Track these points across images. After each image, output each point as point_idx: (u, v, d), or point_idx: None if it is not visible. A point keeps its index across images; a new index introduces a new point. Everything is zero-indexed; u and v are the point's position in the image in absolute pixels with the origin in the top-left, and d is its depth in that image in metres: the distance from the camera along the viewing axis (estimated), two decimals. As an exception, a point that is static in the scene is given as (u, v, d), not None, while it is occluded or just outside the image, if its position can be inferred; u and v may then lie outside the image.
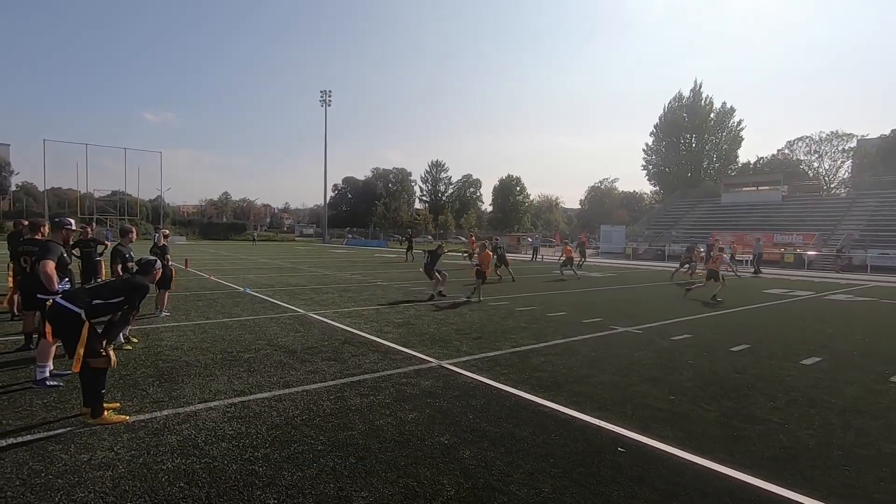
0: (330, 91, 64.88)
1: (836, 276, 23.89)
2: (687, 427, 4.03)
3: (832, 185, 58.76)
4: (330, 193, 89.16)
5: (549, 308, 10.31)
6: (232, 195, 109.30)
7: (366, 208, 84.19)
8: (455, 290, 12.81)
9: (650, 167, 61.36)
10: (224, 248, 38.81)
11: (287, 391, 4.65)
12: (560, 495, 2.91)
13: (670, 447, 3.62)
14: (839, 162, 61.90)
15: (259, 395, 4.50)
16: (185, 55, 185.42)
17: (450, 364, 5.74)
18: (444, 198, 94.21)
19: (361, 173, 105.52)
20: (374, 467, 3.20)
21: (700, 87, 58.30)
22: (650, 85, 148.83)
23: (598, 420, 4.12)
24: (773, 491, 3.03)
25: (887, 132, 56.14)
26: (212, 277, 15.31)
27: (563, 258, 18.90)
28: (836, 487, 3.10)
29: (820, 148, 62.61)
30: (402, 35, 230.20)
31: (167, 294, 8.56)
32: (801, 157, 62.98)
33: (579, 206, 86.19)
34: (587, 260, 27.19)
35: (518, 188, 79.57)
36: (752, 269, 23.82)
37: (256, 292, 11.92)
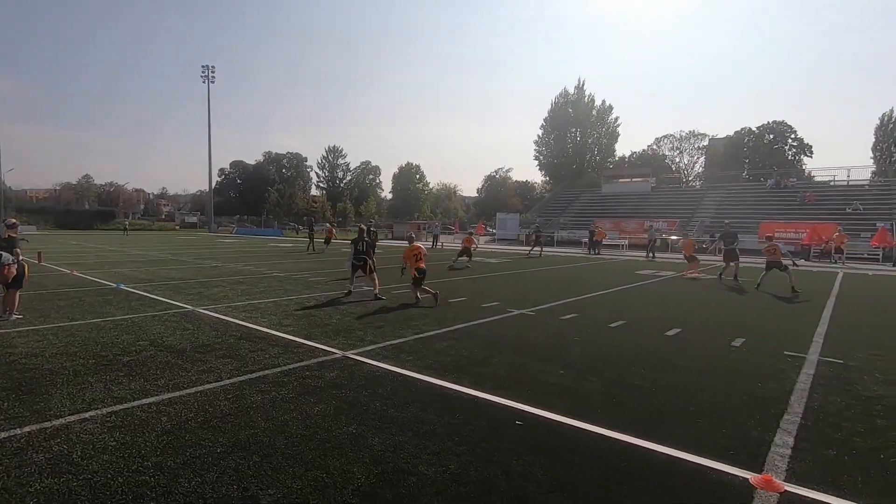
0: (213, 67, 59.56)
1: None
2: (575, 398, 4.47)
3: (690, 178, 67.28)
4: (216, 178, 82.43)
5: (450, 294, 10.65)
6: (94, 178, 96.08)
7: (258, 195, 79.15)
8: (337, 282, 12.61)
9: (541, 158, 65.28)
10: (89, 240, 34.24)
11: (178, 394, 4.32)
12: (465, 470, 3.10)
13: (561, 417, 4.00)
14: (695, 158, 71.10)
15: (145, 401, 4.13)
16: (21, 9, 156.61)
17: (354, 354, 5.73)
18: (342, 185, 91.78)
19: (252, 157, 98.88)
20: (281, 463, 3.13)
21: (583, 84, 63.09)
22: (543, 81, 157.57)
23: (498, 398, 4.40)
24: (646, 446, 3.51)
25: (731, 133, 65.48)
26: (74, 273, 13.47)
27: (461, 249, 18.70)
28: (691, 440, 3.66)
29: (681, 145, 71.35)
30: (292, 13, 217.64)
31: (17, 294, 7.40)
32: (666, 153, 71.28)
33: (477, 195, 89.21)
34: (479, 247, 28.25)
35: (418, 176, 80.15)
36: (648, 254, 25.48)
37: (132, 288, 10.75)
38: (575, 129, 63.06)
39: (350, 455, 3.26)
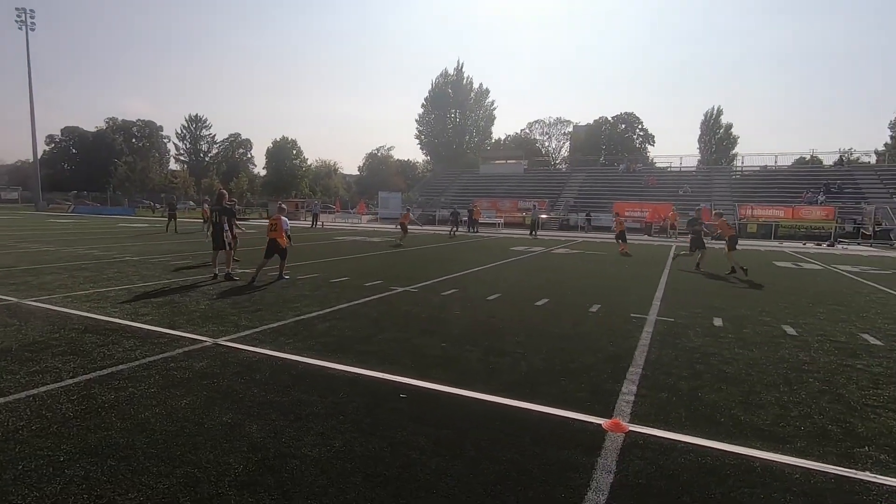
0: (32, 11, 49.48)
1: (559, 234, 30.21)
2: (456, 368, 4.70)
3: (557, 161, 73.06)
4: (42, 146, 69.49)
5: (332, 274, 10.39)
6: None
7: (100, 167, 68.43)
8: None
9: (423, 137, 65.83)
10: None
11: (2, 401, 3.65)
12: (350, 447, 3.11)
13: (443, 386, 4.19)
14: (562, 143, 77.22)
15: (-46, 413, 3.43)
16: None
17: (227, 341, 5.34)
18: (207, 158, 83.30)
19: (91, 124, 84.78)
20: (143, 464, 2.84)
21: (462, 66, 64.60)
22: (426, 59, 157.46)
23: (382, 374, 4.45)
24: (519, 406, 3.83)
25: (592, 122, 72.24)
26: None
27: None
28: (557, 396, 4.08)
29: (550, 130, 76.95)
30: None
31: None
32: (537, 137, 76.37)
33: (358, 173, 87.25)
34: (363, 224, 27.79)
35: (295, 152, 75.75)
36: (531, 233, 27.32)
37: (-71, 279, 8.73)
38: (455, 111, 64.51)
39: (225, 446, 3.07)
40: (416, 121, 65.64)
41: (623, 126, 71.17)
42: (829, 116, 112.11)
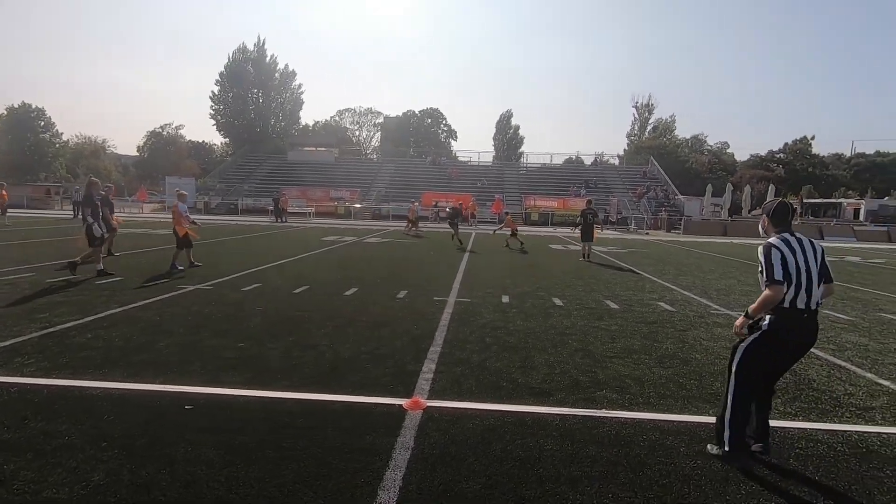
0: None
1: (371, 223, 30.62)
2: (255, 368, 4.38)
3: (368, 152, 73.64)
4: None
5: (99, 274, 8.65)
6: None
7: None
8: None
9: (219, 117, 59.18)
10: None
11: None
12: (117, 476, 2.63)
13: (239, 390, 3.86)
14: (373, 133, 77.99)
15: None
16: None
17: (-73, 370, 4.00)
18: None
19: None
20: None
21: (263, 43, 59.81)
22: (216, 29, 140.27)
23: (162, 385, 3.89)
24: (322, 399, 3.76)
25: (401, 114, 74.60)
26: None
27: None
28: (362, 383, 4.13)
29: (360, 119, 76.89)
30: None
31: None
32: (348, 126, 75.60)
33: (138, 154, 73.98)
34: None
35: (42, 123, 60.29)
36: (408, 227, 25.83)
37: None
38: (257, 91, 59.56)
39: (-84, 511, 2.30)
40: (211, 98, 58.67)
41: (429, 120, 75.29)
42: (588, 123, 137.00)
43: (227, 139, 63.10)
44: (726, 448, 3.00)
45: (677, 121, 73.88)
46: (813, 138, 68.86)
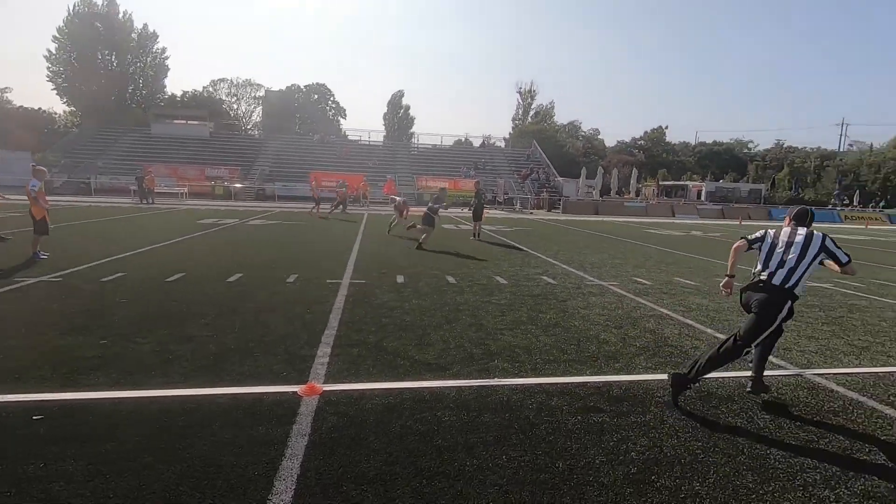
0: None
1: (254, 204, 28.61)
2: (123, 366, 3.90)
3: (249, 127, 68.28)
4: None
5: None
6: None
7: None
8: None
9: (59, 80, 50.53)
10: None
11: None
12: (-60, 508, 2.19)
13: (104, 392, 3.42)
14: (253, 107, 72.28)
15: None
16: None
17: None
18: None
19: None
20: None
21: (116, -3, 51.87)
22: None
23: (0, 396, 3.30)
24: (205, 393, 3.47)
25: (284, 88, 70.03)
26: None
27: None
28: (251, 374, 3.89)
29: (238, 92, 70.73)
30: None
31: None
32: (224, 98, 69.14)
33: (-53, 121, 60.29)
34: None
35: None
36: (335, 209, 23.57)
37: None
38: (110, 53, 51.78)
39: None
40: (48, 58, 49.79)
41: (316, 96, 71.78)
42: (478, 108, 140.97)
43: (73, 108, 54.22)
44: None
45: (556, 107, 79.14)
46: (667, 128, 78.35)
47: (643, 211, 34.83)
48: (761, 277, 3.59)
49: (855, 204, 46.71)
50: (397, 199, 15.29)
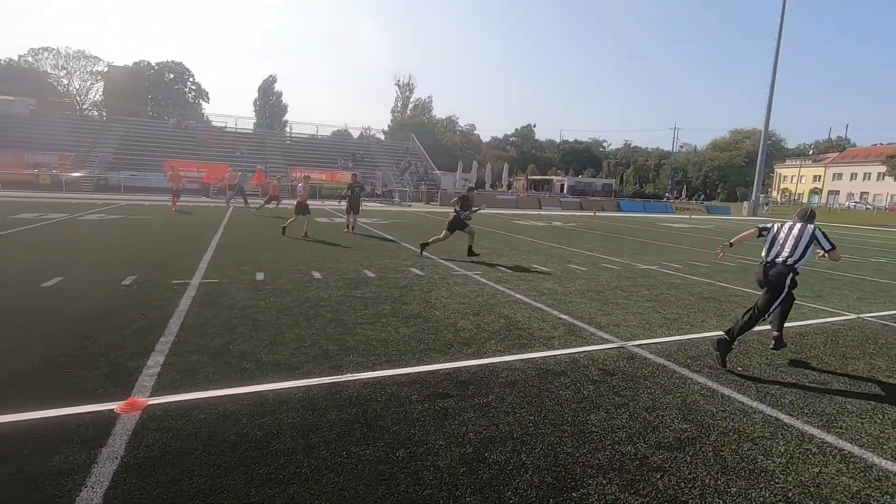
0: None
1: (93, 196, 24.80)
2: None
3: (85, 106, 58.88)
4: None
5: None
6: None
7: None
8: None
9: None
10: None
11: None
12: None
13: None
14: (89, 83, 62.44)
15: None
16: None
17: None
18: None
19: None
20: None
21: None
22: None
23: None
24: (-14, 423, 2.90)
25: (131, 64, 61.57)
26: None
27: None
28: (58, 394, 3.34)
29: (69, 64, 60.53)
30: None
31: None
32: (50, 71, 58.75)
33: None
34: None
35: None
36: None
37: None
38: None
39: None
40: None
41: (172, 76, 64.34)
42: (355, 96, 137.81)
43: None
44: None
45: (434, 102, 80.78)
46: (535, 126, 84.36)
47: (514, 203, 37.15)
48: (766, 261, 4.62)
49: (683, 197, 54.90)
50: (298, 186, 13.61)
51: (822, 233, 4.62)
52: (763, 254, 4.72)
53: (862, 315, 6.77)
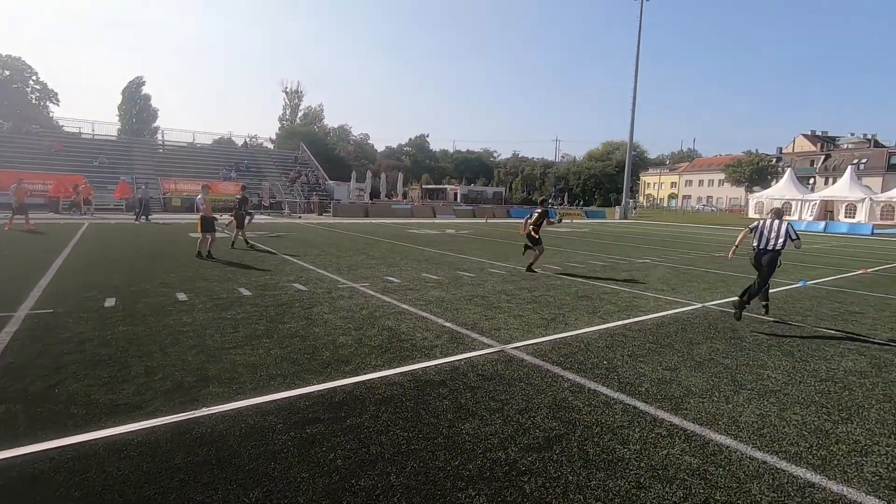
0: None
1: None
2: None
3: None
4: None
5: None
6: None
7: None
8: None
9: None
10: None
11: None
12: None
13: None
14: None
15: None
16: None
17: None
18: None
19: None
20: None
21: None
22: None
23: None
24: None
25: (-50, 56, 51.78)
26: None
27: None
28: None
29: None
30: None
31: None
32: None
33: None
34: None
35: None
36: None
37: None
38: None
39: None
40: None
41: (7, 73, 55.29)
42: (237, 104, 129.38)
43: None
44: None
45: (326, 111, 78.75)
46: (428, 136, 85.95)
47: (409, 212, 37.28)
48: (759, 248, 6.40)
49: (565, 203, 59.38)
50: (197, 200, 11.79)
51: (791, 227, 6.36)
52: (755, 243, 6.48)
53: (706, 304, 7.70)
